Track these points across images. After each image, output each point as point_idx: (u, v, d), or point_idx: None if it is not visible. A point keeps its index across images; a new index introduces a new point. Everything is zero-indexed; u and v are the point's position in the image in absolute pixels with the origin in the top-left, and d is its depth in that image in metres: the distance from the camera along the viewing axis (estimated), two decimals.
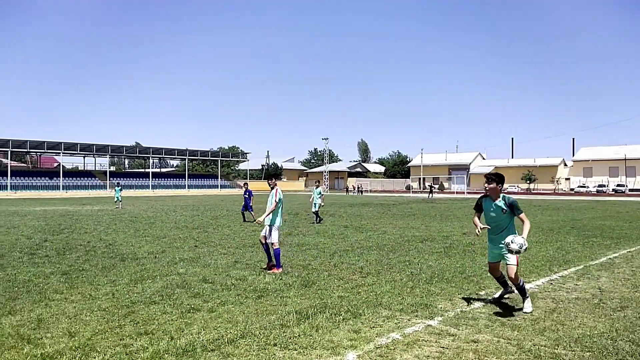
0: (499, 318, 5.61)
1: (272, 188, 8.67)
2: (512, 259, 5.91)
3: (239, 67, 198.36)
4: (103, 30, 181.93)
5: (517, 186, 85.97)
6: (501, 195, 6.07)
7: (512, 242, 5.77)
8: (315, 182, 21.82)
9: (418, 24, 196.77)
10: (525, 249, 5.80)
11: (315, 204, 19.03)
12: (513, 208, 5.98)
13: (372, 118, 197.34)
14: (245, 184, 21.54)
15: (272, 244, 8.49)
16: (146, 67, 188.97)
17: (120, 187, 30.75)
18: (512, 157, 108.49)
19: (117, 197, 29.89)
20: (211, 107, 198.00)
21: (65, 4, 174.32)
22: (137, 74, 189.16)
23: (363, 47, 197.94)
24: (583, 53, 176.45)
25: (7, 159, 69.80)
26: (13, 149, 65.66)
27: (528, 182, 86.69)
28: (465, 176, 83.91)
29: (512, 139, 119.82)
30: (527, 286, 7.26)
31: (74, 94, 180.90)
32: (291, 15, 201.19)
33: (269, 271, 8.37)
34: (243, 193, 20.25)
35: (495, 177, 6.11)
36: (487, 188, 6.12)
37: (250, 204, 19.53)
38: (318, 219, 18.80)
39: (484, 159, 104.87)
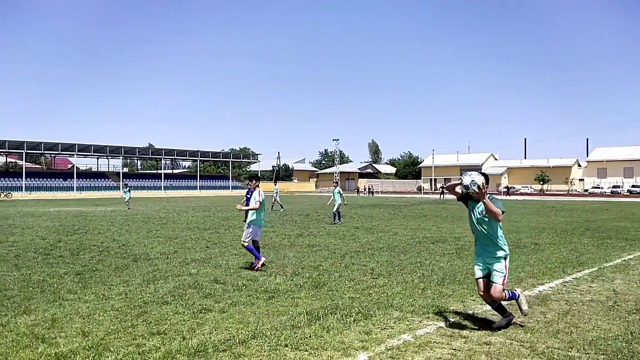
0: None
1: (254, 189, 9.26)
2: (499, 277, 5.17)
3: (250, 68, 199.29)
4: (114, 31, 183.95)
5: (530, 187, 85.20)
6: (487, 196, 5.16)
7: (469, 176, 5.09)
8: (334, 182, 22.35)
9: (429, 24, 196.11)
10: (475, 187, 5.01)
11: (335, 204, 19.25)
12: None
13: (383, 119, 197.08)
14: (248, 183, 21.70)
15: (243, 241, 8.94)
16: (160, 69, 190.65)
17: (128, 188, 31.20)
18: (525, 158, 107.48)
19: (126, 198, 30.38)
20: (223, 109, 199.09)
21: (76, 4, 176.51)
22: (151, 75, 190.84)
23: (373, 48, 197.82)
24: (597, 52, 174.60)
25: (22, 160, 70.80)
26: (28, 151, 66.59)
27: (541, 183, 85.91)
28: None
29: (525, 139, 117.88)
30: (540, 288, 7.20)
31: (87, 96, 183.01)
32: (302, 16, 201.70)
33: (255, 269, 8.64)
34: (246, 193, 20.49)
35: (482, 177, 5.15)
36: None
37: None
38: (337, 218, 19.09)
39: (496, 159, 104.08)
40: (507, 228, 16.90)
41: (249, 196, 20.01)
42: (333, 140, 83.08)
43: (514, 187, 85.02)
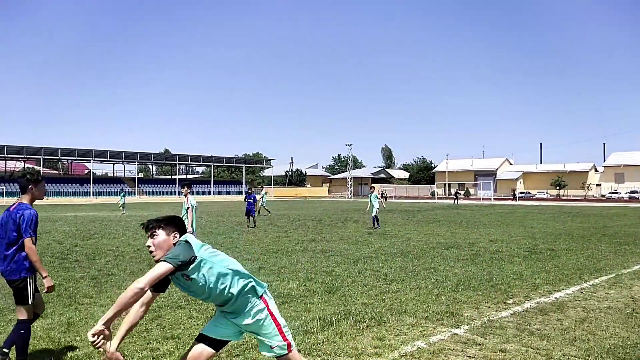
0: (528, 327, 5.48)
1: (185, 196, 9.45)
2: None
3: (264, 74, 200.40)
4: (130, 39, 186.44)
5: (546, 192, 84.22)
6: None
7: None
8: (370, 188, 22.36)
9: (444, 29, 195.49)
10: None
11: (374, 209, 19.31)
12: None
13: (396, 123, 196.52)
14: (250, 188, 22.24)
15: None
16: (176, 75, 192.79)
17: (123, 194, 31.94)
18: (541, 163, 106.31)
19: (122, 203, 30.97)
20: (236, 115, 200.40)
21: (91, 9, 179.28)
22: (167, 81, 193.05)
23: (387, 53, 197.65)
24: (614, 56, 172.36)
25: (40, 166, 71.94)
26: (45, 157, 67.69)
27: (558, 188, 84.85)
28: (491, 182, 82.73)
29: (541, 144, 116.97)
30: (557, 295, 7.10)
31: (104, 102, 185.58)
32: (316, 21, 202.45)
33: None
34: (247, 197, 20.85)
35: (164, 223, 3.05)
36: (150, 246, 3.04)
37: (254, 209, 20.58)
38: (376, 224, 19.06)
39: (511, 164, 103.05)
40: (523, 234, 16.72)
41: (250, 200, 20.45)
42: (346, 145, 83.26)
43: (528, 192, 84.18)
